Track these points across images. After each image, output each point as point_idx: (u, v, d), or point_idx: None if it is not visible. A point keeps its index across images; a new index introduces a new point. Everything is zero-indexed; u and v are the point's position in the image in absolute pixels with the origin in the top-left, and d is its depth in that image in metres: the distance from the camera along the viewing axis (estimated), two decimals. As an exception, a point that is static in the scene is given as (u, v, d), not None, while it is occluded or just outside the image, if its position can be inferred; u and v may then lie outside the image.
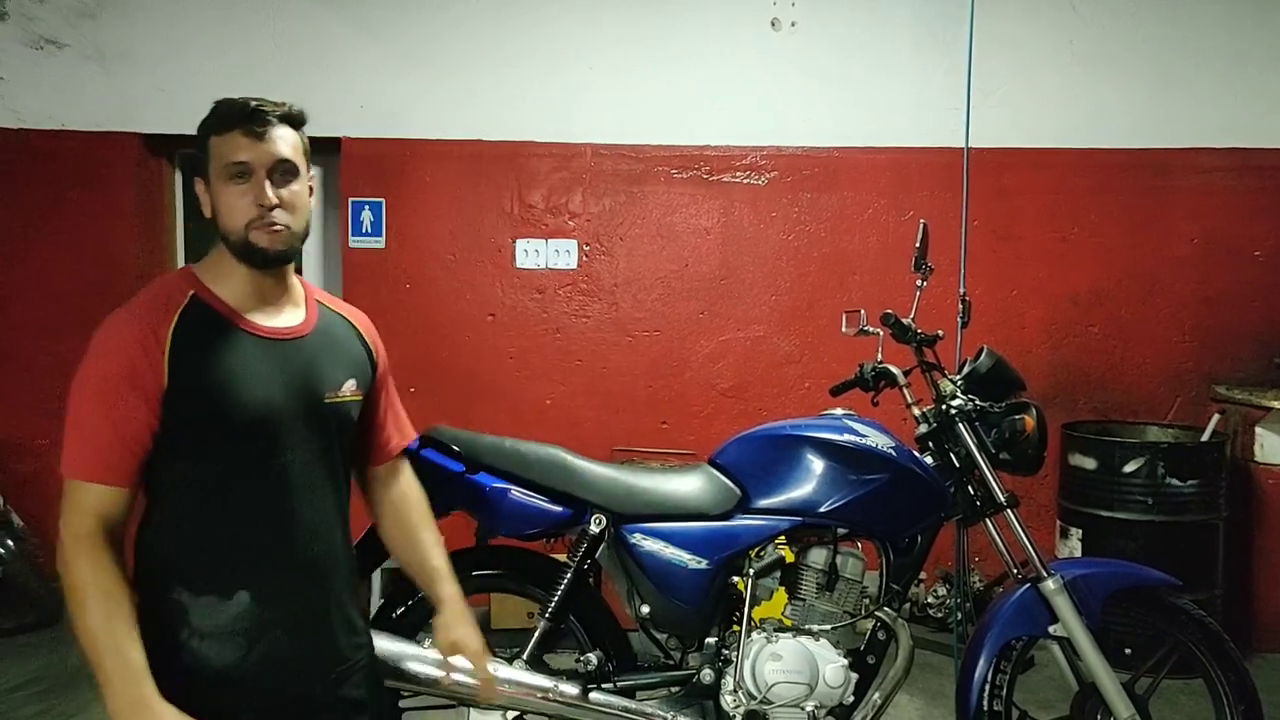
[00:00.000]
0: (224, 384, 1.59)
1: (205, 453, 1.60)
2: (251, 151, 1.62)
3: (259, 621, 1.64)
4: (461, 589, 2.56)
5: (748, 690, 2.43)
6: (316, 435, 1.70)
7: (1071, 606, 2.49)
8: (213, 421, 1.59)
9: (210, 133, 1.65)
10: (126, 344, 1.56)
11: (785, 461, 2.55)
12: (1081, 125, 4.57)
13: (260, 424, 1.62)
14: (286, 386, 1.66)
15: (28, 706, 3.53)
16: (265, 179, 1.62)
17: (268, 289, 1.69)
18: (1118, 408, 4.57)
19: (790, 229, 4.63)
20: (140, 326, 1.57)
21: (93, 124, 4.59)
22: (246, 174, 1.62)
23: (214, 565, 1.62)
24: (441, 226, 4.63)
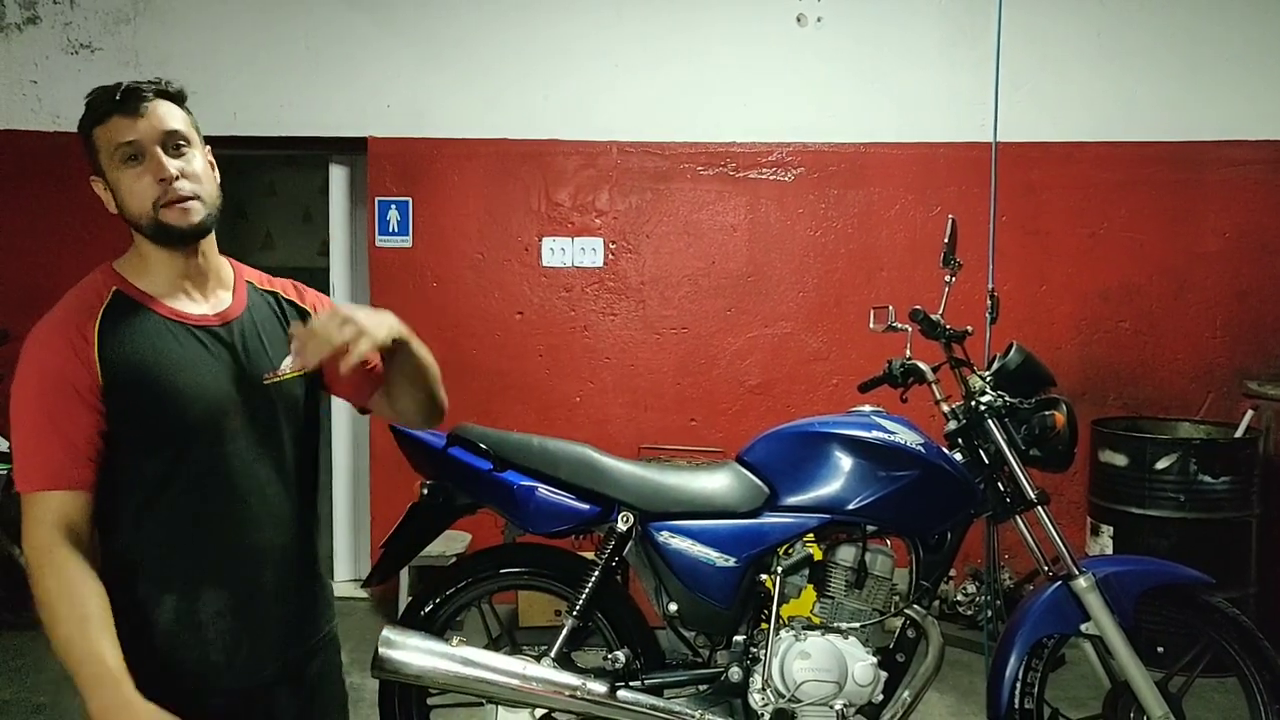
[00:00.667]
0: (157, 377, 1.57)
1: (147, 448, 1.58)
2: (135, 129, 1.56)
3: (216, 609, 1.63)
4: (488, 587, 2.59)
5: (776, 688, 2.42)
6: (260, 419, 1.66)
7: (1104, 604, 2.47)
8: (150, 416, 1.56)
9: (91, 125, 1.59)
10: (56, 349, 1.54)
11: (813, 459, 2.54)
12: (1111, 118, 4.53)
13: (198, 415, 1.59)
14: (221, 374, 1.62)
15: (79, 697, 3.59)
16: (160, 153, 1.56)
17: (191, 272, 1.64)
18: (1149, 404, 4.53)
19: (817, 225, 4.61)
20: (66, 330, 1.55)
21: (125, 127, 4.64)
22: (139, 154, 1.56)
23: (169, 558, 1.61)
24: (468, 225, 4.65)
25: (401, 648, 2.34)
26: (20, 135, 4.63)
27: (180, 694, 1.58)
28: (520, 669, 2.37)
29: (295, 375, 1.73)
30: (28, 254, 4.60)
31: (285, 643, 1.72)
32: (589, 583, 2.48)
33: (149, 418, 1.57)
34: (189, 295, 1.65)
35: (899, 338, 2.74)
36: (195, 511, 1.62)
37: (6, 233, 4.62)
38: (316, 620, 1.80)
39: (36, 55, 4.65)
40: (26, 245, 4.62)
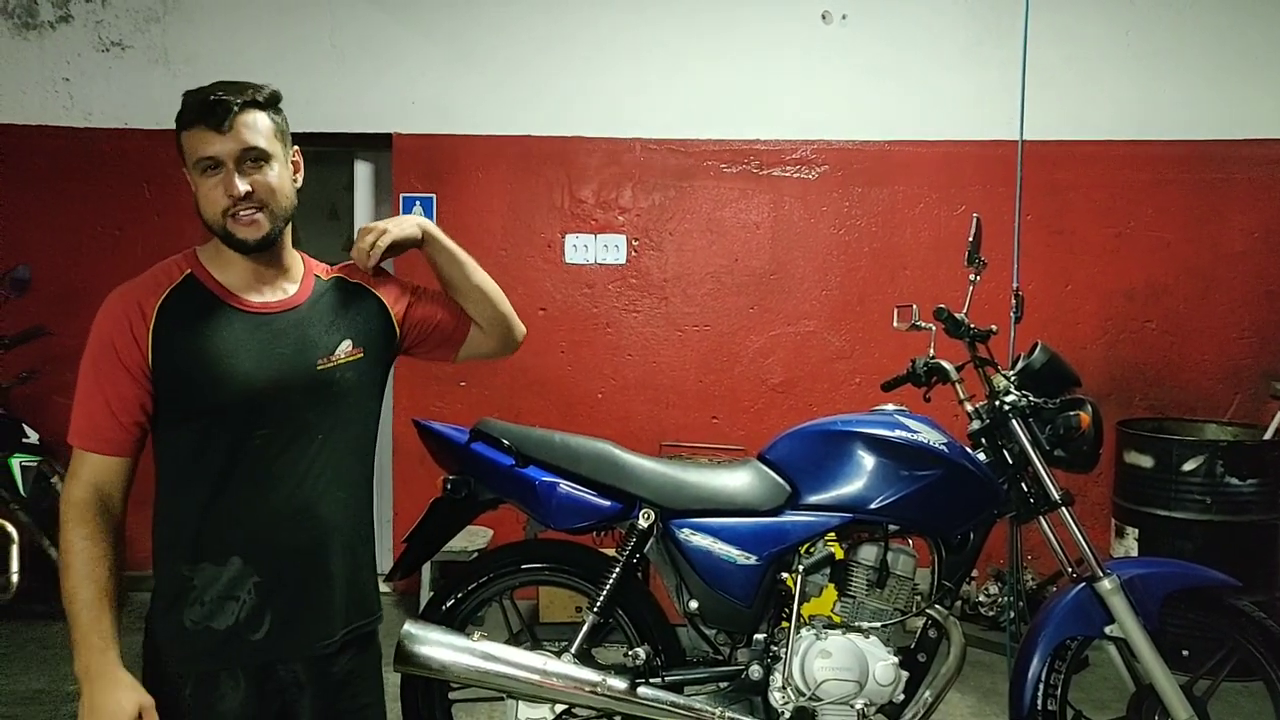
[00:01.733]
0: (205, 360, 1.64)
1: (191, 426, 1.66)
2: (216, 144, 1.63)
3: (254, 588, 1.68)
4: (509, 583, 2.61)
5: (796, 687, 2.42)
6: (309, 404, 1.72)
7: (1128, 607, 2.45)
8: (195, 396, 1.64)
9: (180, 128, 1.67)
10: (115, 319, 1.64)
11: (836, 457, 2.53)
12: (1138, 118, 4.49)
13: (240, 398, 1.65)
14: (272, 360, 1.69)
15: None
16: (234, 170, 1.64)
17: (262, 270, 1.74)
18: (1175, 405, 4.49)
19: (841, 223, 4.60)
20: (128, 304, 1.65)
21: (157, 123, 4.69)
22: (216, 167, 1.65)
23: (206, 534, 1.68)
24: (492, 222, 4.67)
25: (423, 642, 2.35)
26: (52, 131, 4.69)
27: (210, 662, 1.68)
28: (541, 664, 2.38)
29: (352, 359, 1.79)
30: (60, 251, 4.66)
31: (319, 628, 1.75)
32: (610, 579, 2.49)
33: (191, 399, 1.64)
34: (258, 288, 1.74)
35: (922, 337, 2.73)
36: (235, 490, 1.67)
37: (39, 229, 4.68)
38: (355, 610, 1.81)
39: (69, 53, 4.70)
40: (59, 242, 4.67)
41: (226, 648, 1.68)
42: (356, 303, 1.84)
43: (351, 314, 1.82)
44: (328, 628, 1.76)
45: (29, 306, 4.39)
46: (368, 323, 1.84)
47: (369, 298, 1.86)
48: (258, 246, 1.68)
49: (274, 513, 1.69)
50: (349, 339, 1.78)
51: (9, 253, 4.48)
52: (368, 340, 1.82)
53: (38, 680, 3.75)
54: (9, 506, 4.13)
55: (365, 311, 1.84)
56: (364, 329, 1.82)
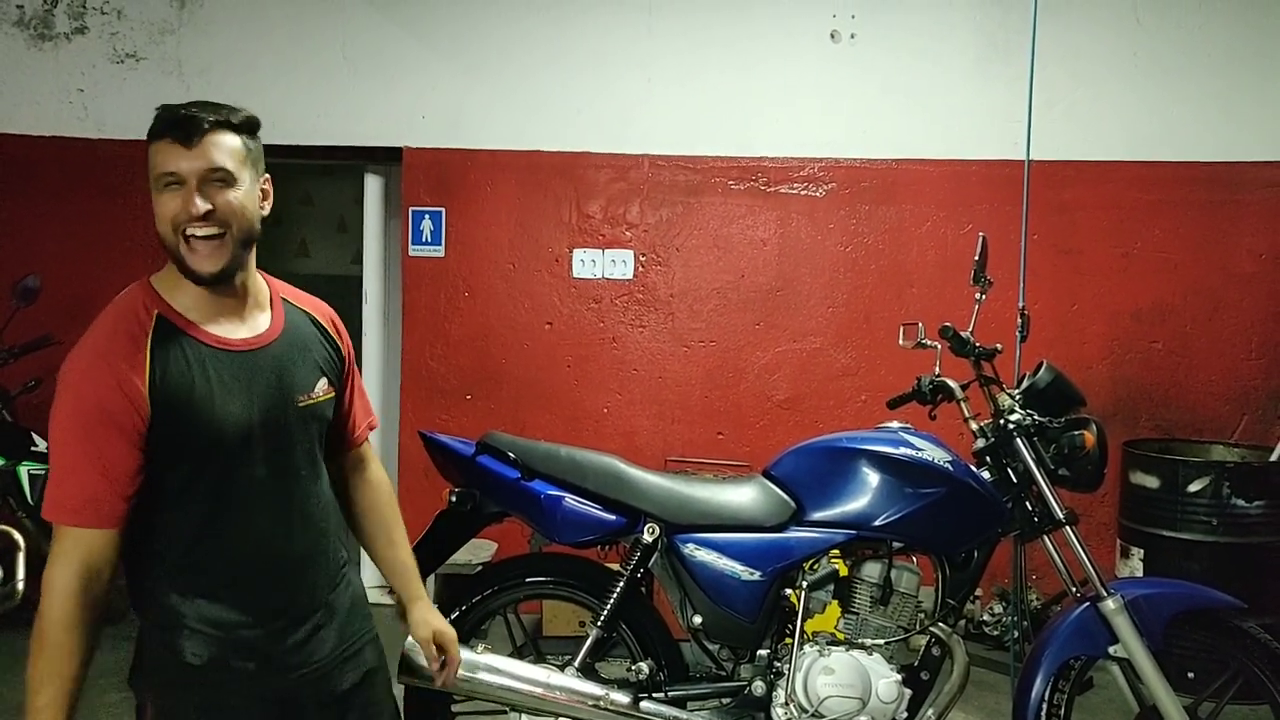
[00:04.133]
0: (198, 407, 1.58)
1: (182, 469, 1.60)
2: (183, 161, 1.56)
3: (252, 620, 1.66)
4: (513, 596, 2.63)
5: (799, 703, 2.42)
6: (292, 440, 1.70)
7: (1132, 627, 2.45)
8: (190, 442, 1.58)
9: (149, 140, 1.60)
10: (101, 381, 1.52)
11: (841, 474, 2.54)
12: (1145, 138, 4.50)
13: (234, 440, 1.61)
14: (259, 399, 1.65)
15: (110, 694, 3.65)
16: (196, 189, 1.56)
17: (224, 300, 1.65)
18: (1181, 426, 4.48)
19: (848, 241, 4.62)
20: (112, 361, 1.53)
21: (167, 135, 4.73)
22: (179, 183, 1.57)
23: (200, 571, 1.64)
24: (500, 236, 4.69)
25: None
26: (67, 142, 4.74)
27: (204, 698, 1.64)
28: (544, 678, 2.39)
29: (327, 398, 1.77)
30: (73, 261, 4.69)
31: (318, 652, 1.75)
32: (614, 593, 2.50)
33: (186, 445, 1.59)
34: (227, 317, 1.66)
35: (928, 355, 2.73)
36: (229, 529, 1.65)
37: (53, 239, 4.72)
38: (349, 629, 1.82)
39: (84, 64, 4.75)
40: (72, 252, 4.71)
41: (227, 676, 1.65)
42: (325, 339, 1.81)
43: (323, 350, 1.79)
44: (323, 648, 1.75)
45: (38, 316, 4.41)
46: (334, 363, 1.81)
47: (330, 339, 1.83)
48: (215, 280, 1.60)
49: (263, 547, 1.68)
50: (324, 377, 1.77)
51: (20, 262, 4.50)
52: (337, 380, 1.81)
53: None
54: (16, 515, 4.15)
55: (331, 350, 1.81)
56: (333, 368, 1.80)
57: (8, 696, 3.71)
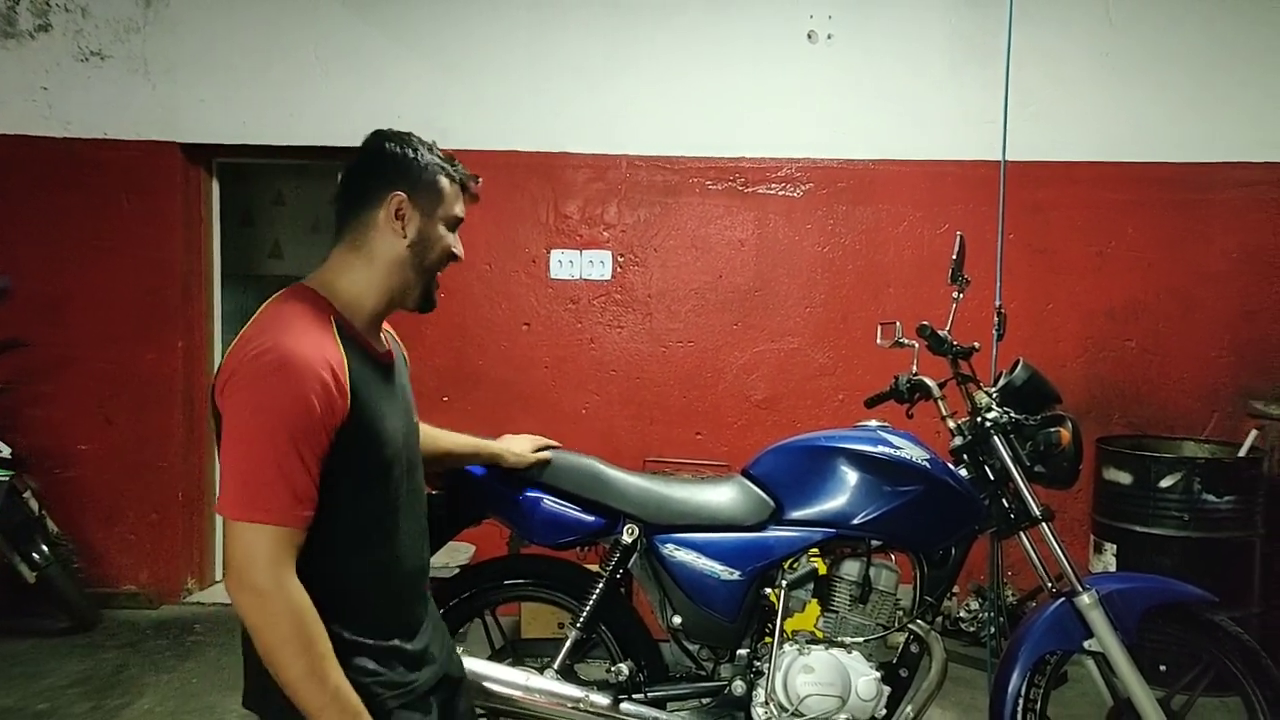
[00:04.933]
0: (379, 416, 1.58)
1: (348, 479, 1.56)
2: (465, 210, 1.76)
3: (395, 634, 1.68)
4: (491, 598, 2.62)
5: (779, 702, 2.42)
6: (417, 456, 1.78)
7: (1107, 621, 2.47)
8: (368, 455, 1.57)
9: (449, 178, 1.73)
10: (318, 381, 1.48)
11: (819, 473, 2.55)
12: (1118, 139, 4.54)
13: (394, 451, 1.63)
14: (402, 415, 1.70)
15: (80, 704, 3.61)
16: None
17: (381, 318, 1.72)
18: (1153, 423, 4.53)
19: (825, 241, 4.63)
20: (315, 358, 1.49)
21: (136, 134, 4.68)
22: (456, 228, 1.74)
23: (364, 590, 1.62)
24: (476, 236, 4.67)
25: None
26: (31, 141, 4.67)
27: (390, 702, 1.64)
28: (523, 680, 2.38)
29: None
30: (40, 260, 4.63)
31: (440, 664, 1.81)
32: (593, 595, 2.49)
33: (361, 455, 1.57)
34: (371, 333, 1.69)
35: (905, 354, 2.75)
36: (389, 543, 1.65)
37: (18, 240, 4.65)
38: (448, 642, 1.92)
39: (48, 62, 4.69)
40: (39, 252, 4.64)
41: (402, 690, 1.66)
42: (405, 359, 1.88)
43: (408, 369, 1.86)
44: (443, 657, 1.83)
45: (6, 318, 4.35)
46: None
47: (405, 358, 1.88)
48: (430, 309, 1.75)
49: (405, 561, 1.70)
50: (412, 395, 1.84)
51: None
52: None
53: (7, 697, 3.71)
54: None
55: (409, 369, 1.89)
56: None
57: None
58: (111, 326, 4.64)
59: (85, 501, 4.65)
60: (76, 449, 4.68)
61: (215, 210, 5.02)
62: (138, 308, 4.65)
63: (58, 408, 4.66)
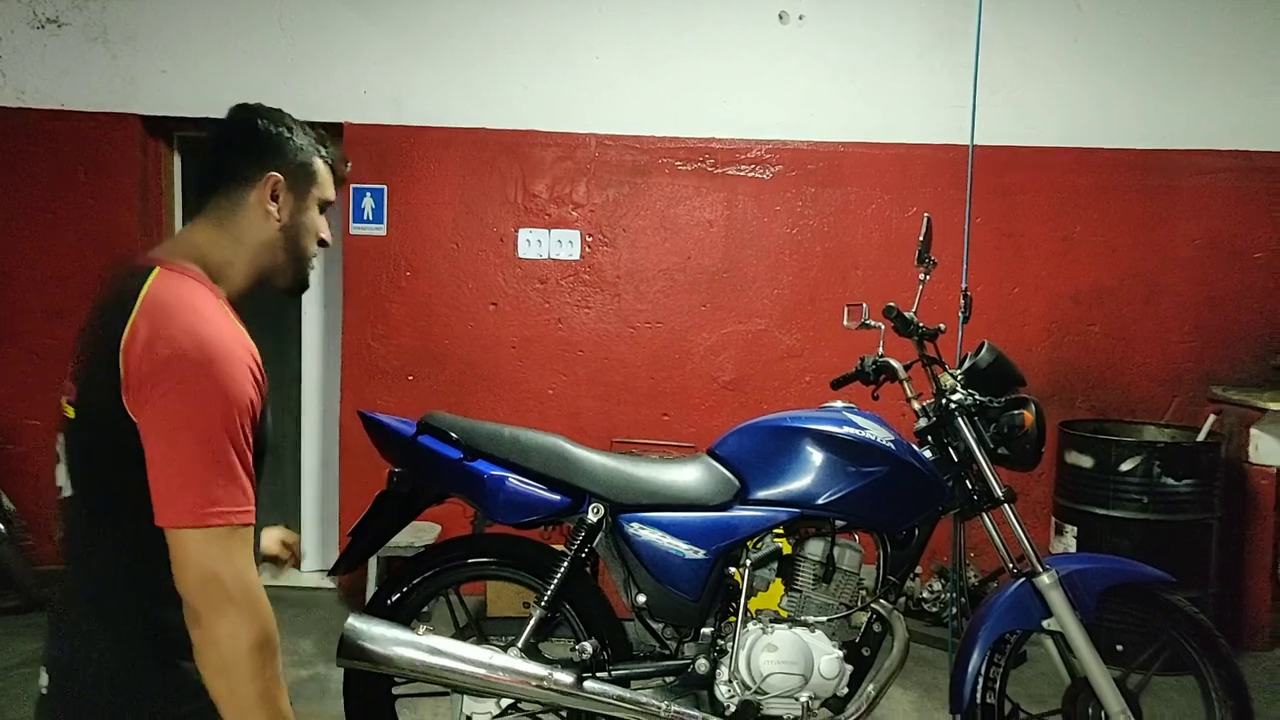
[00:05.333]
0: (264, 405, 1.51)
1: (256, 479, 1.47)
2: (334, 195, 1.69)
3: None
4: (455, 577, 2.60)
5: (742, 680, 2.43)
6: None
7: (1066, 601, 2.50)
8: (260, 445, 1.49)
9: (322, 159, 1.64)
10: (246, 369, 1.42)
11: (784, 453, 2.55)
12: (1086, 125, 4.57)
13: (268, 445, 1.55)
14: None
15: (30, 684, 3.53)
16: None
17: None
18: (1116, 407, 4.58)
19: (794, 223, 4.63)
20: (246, 351, 1.44)
21: (94, 104, 4.59)
22: (325, 211, 1.67)
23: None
24: (444, 214, 4.63)
25: (367, 636, 2.33)
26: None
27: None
28: (486, 658, 2.37)
29: None
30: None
31: None
32: (558, 573, 2.48)
33: (261, 447, 1.49)
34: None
35: (872, 336, 2.76)
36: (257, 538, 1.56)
37: (-27, 211, 4.55)
38: None
39: (2, 29, 4.58)
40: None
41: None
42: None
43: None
44: None
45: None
46: None
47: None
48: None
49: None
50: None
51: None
52: None
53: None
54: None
55: None
56: None
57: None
58: (62, 300, 4.55)
59: (34, 478, 4.57)
60: (25, 423, 4.59)
61: (176, 185, 4.94)
62: (91, 283, 4.56)
63: (5, 382, 4.58)
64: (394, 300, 4.63)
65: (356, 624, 2.33)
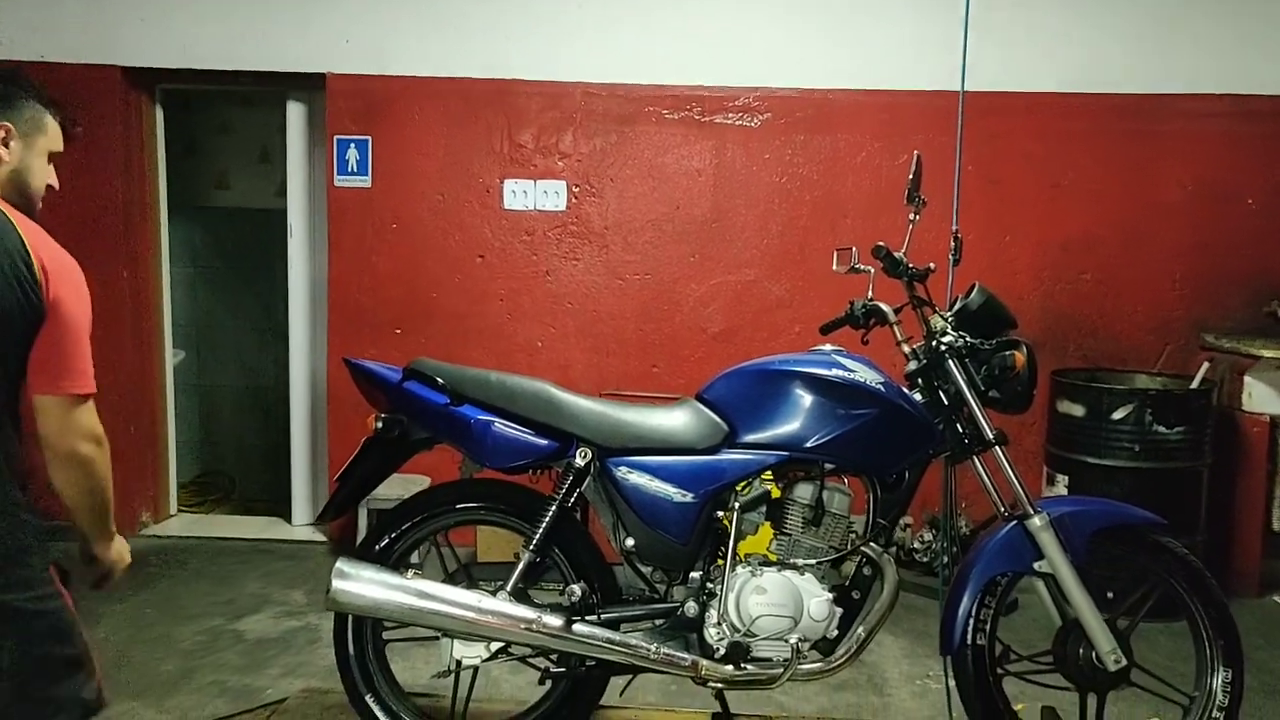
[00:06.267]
0: None
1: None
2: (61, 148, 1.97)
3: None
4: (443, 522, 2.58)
5: (731, 623, 2.43)
6: None
7: (1057, 543, 2.49)
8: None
9: (52, 116, 1.95)
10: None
11: (773, 396, 2.52)
12: (1076, 70, 4.51)
13: None
14: None
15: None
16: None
17: None
18: (1107, 356, 4.57)
19: (783, 171, 4.58)
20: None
21: (73, 55, 4.50)
22: (52, 161, 1.97)
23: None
24: (429, 166, 4.57)
25: (355, 579, 2.32)
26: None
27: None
28: (475, 602, 2.36)
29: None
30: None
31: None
32: (545, 518, 2.46)
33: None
34: None
35: (861, 281, 2.72)
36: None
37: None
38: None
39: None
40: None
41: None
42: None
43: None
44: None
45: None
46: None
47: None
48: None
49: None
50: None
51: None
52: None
53: None
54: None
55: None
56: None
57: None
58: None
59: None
60: (18, 383, 4.54)
61: (160, 139, 4.86)
62: (77, 238, 4.43)
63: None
64: (380, 253, 4.58)
65: (344, 567, 2.32)
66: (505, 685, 3.23)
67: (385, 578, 2.33)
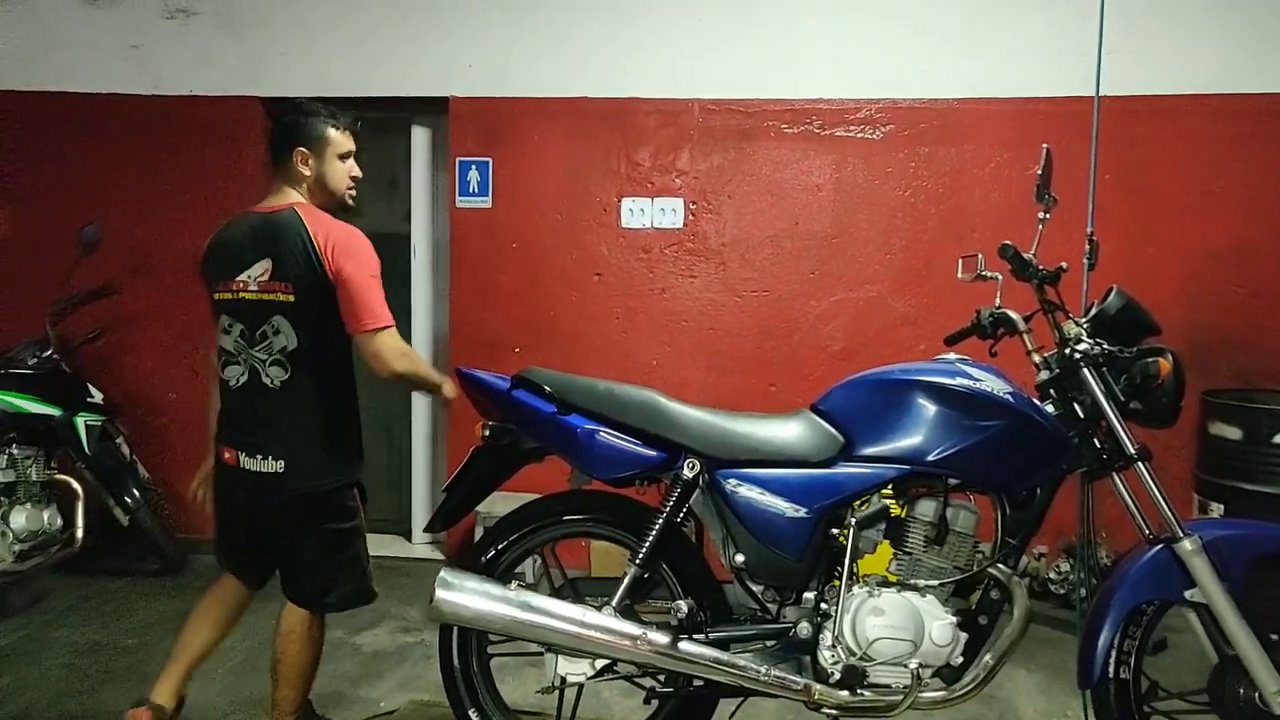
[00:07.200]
0: None
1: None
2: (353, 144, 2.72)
3: None
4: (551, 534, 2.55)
5: (847, 646, 2.30)
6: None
7: (1211, 569, 2.27)
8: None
9: (333, 127, 2.64)
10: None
11: (893, 407, 2.40)
12: (1224, 69, 4.21)
13: None
14: None
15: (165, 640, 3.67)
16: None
17: None
18: (1262, 373, 4.21)
19: (906, 185, 4.43)
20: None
21: (220, 88, 4.75)
22: (349, 159, 2.70)
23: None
24: (548, 185, 4.60)
25: (459, 589, 2.29)
26: (123, 99, 4.78)
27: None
28: (579, 616, 2.31)
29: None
30: (130, 213, 4.75)
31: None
32: (653, 531, 2.39)
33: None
34: None
35: (989, 289, 2.57)
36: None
37: (113, 195, 4.77)
38: None
39: (138, 20, 4.78)
40: (129, 205, 4.76)
41: None
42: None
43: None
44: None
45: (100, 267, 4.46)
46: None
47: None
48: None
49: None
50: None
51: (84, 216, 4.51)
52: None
53: (98, 633, 3.82)
54: (75, 465, 4.19)
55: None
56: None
57: (68, 637, 3.76)
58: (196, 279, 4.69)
59: (173, 449, 4.74)
60: (166, 397, 4.79)
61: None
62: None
63: (147, 356, 4.78)
64: (501, 272, 4.63)
65: (448, 576, 2.30)
66: (617, 708, 3.16)
67: (488, 588, 2.30)
